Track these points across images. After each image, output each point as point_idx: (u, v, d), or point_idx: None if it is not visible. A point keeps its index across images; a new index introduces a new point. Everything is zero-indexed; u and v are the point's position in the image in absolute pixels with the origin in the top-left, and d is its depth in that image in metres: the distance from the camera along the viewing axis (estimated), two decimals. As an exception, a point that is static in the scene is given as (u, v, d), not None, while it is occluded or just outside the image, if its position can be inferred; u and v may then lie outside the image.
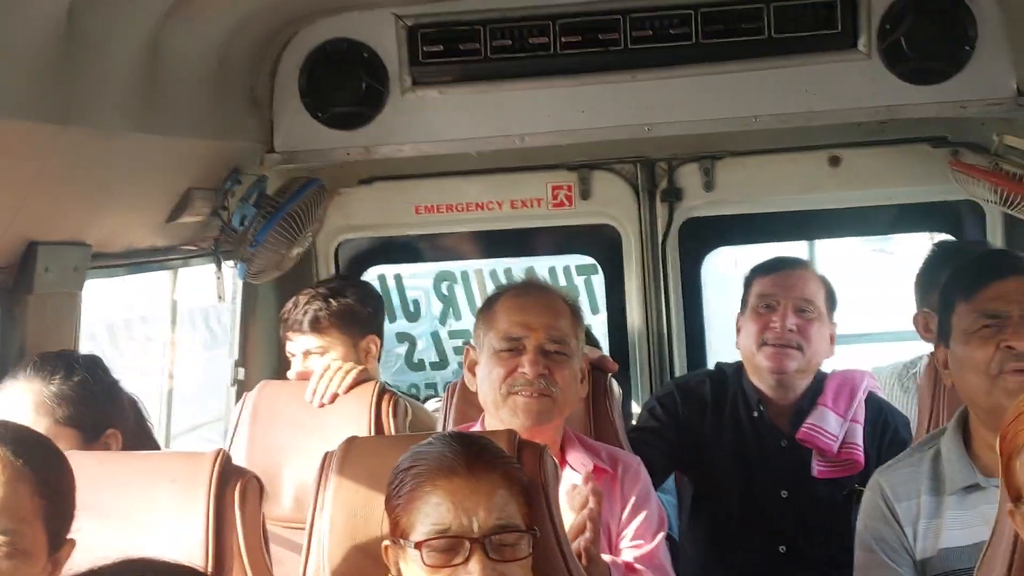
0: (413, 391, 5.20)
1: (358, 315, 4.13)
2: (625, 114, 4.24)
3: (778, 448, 3.91)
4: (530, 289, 3.31)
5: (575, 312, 3.26)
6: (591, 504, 2.81)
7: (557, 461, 3.09)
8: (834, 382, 3.92)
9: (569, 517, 2.78)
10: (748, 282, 4.02)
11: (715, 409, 3.98)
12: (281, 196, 4.27)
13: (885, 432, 3.89)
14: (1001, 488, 2.35)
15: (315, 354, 4.07)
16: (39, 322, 3.17)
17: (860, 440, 3.83)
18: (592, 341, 4.20)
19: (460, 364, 4.90)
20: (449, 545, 2.30)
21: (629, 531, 3.13)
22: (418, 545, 2.31)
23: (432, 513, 2.32)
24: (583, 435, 3.33)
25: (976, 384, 2.88)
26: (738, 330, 4.01)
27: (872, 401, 3.94)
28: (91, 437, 3.07)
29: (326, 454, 2.71)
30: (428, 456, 2.39)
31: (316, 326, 4.07)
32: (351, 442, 2.74)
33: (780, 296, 3.89)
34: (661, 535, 3.17)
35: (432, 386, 5.23)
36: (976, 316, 2.90)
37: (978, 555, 2.66)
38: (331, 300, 4.10)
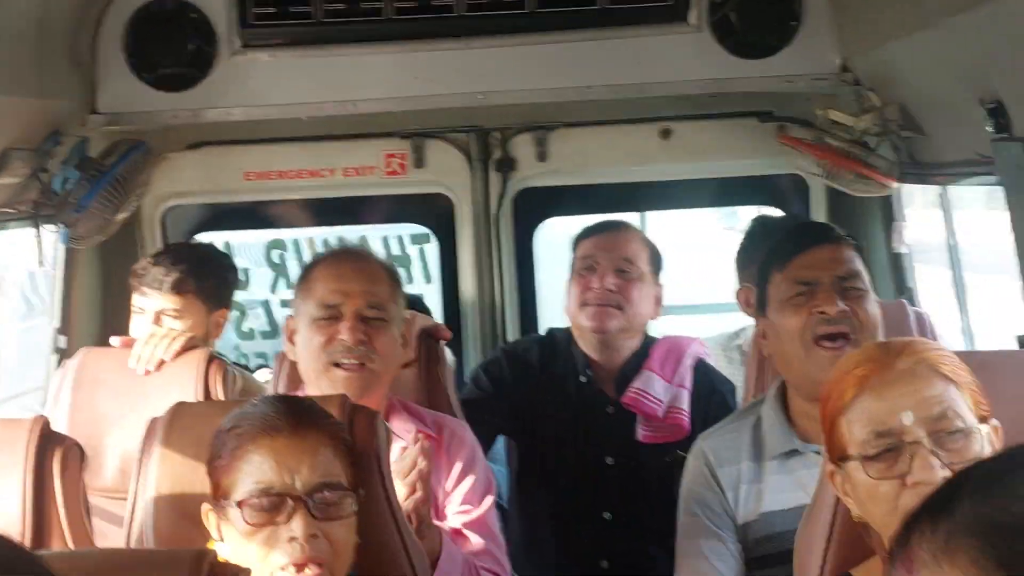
0: (243, 361, 5.17)
1: (222, 286, 4.09)
2: (459, 82, 4.27)
3: (604, 414, 3.98)
4: (346, 255, 3.30)
5: (393, 277, 3.28)
6: (421, 464, 2.86)
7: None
8: (661, 347, 4.01)
9: (399, 485, 2.80)
10: (573, 247, 4.10)
11: (542, 374, 4.04)
12: (105, 159, 4.20)
13: (712, 398, 3.99)
14: (824, 451, 2.45)
15: (169, 316, 3.99)
16: None
17: (686, 405, 3.92)
18: (424, 310, 4.24)
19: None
20: (271, 503, 2.32)
21: (456, 496, 3.17)
22: (240, 504, 2.32)
23: (254, 472, 2.33)
24: (409, 403, 3.35)
25: (790, 351, 3.01)
26: (567, 296, 4.09)
27: (700, 367, 4.04)
28: None
29: (152, 420, 2.70)
30: (251, 416, 2.41)
31: (180, 288, 3.98)
32: (178, 407, 2.73)
33: (600, 257, 3.97)
34: (489, 499, 3.21)
35: (262, 355, 5.22)
36: (789, 284, 3.03)
37: (797, 518, 2.79)
38: (201, 266, 4.03)
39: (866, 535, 2.30)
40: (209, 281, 4.06)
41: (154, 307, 4.00)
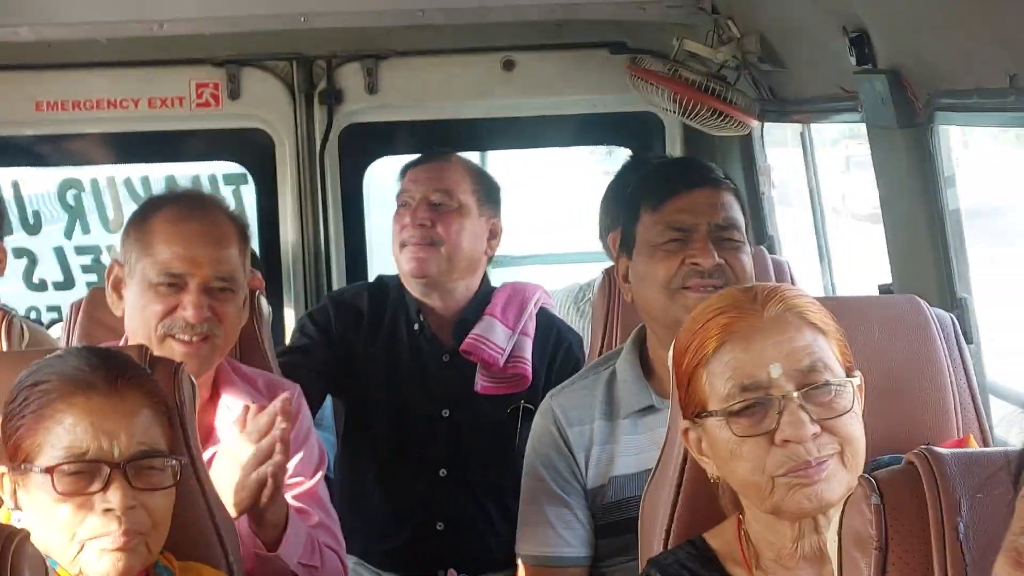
0: (33, 315, 4.92)
1: None
2: (279, 2, 4.12)
3: (439, 363, 3.91)
4: (194, 210, 3.07)
5: (244, 237, 3.11)
6: (281, 425, 2.71)
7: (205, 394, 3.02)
8: (503, 293, 3.94)
9: (246, 448, 2.70)
10: (399, 185, 4.00)
11: (372, 323, 3.94)
12: None
13: (558, 349, 3.94)
14: (673, 407, 2.39)
15: None
16: None
17: (528, 354, 3.86)
18: (256, 264, 4.08)
19: (88, 284, 4.68)
20: (85, 470, 2.19)
21: (289, 467, 2.95)
22: (48, 470, 2.19)
23: (65, 435, 2.21)
24: (238, 365, 3.21)
25: (655, 299, 2.94)
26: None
27: (544, 315, 3.98)
28: None
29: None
30: (60, 371, 2.27)
31: None
32: (-51, 360, 2.54)
33: (415, 191, 3.88)
34: (321, 471, 3.13)
35: (55, 309, 4.97)
36: (662, 228, 2.95)
37: (643, 481, 2.74)
38: None
39: (723, 496, 2.25)
40: None
41: None
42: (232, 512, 2.69)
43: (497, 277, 4.21)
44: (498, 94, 4.80)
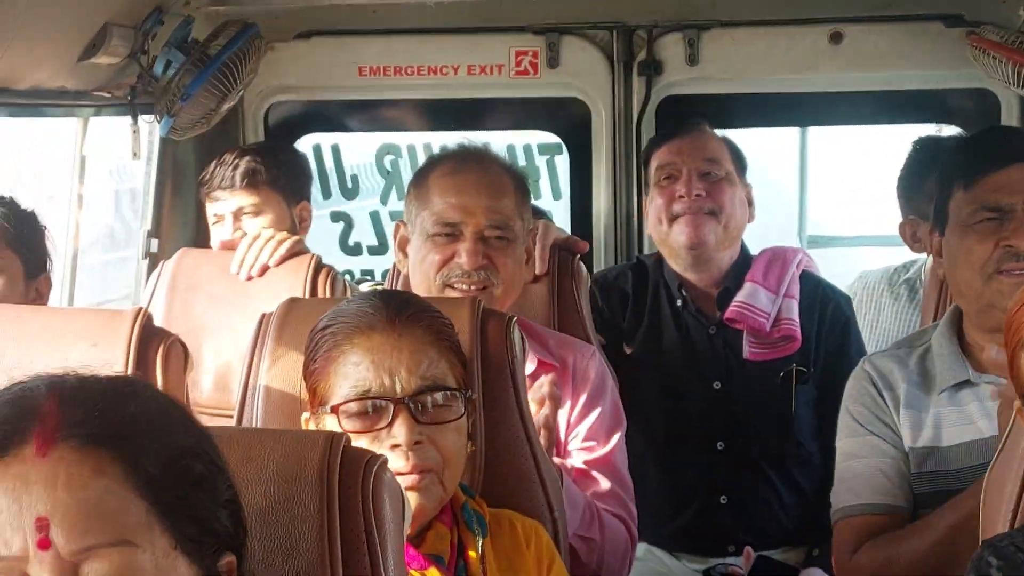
0: (346, 277, 5.22)
1: (296, 175, 4.15)
2: (602, -30, 4.24)
3: (706, 336, 4.00)
4: (468, 163, 3.26)
5: (521, 187, 3.27)
6: (546, 409, 2.88)
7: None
8: (763, 258, 4.00)
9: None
10: (646, 160, 4.11)
11: (636, 303, 4.06)
12: (211, 43, 4.25)
13: (825, 308, 3.97)
14: (1008, 384, 2.42)
15: (248, 214, 4.08)
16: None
17: (795, 316, 3.90)
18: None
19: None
20: (369, 407, 2.34)
21: (580, 431, 3.18)
22: (334, 409, 2.34)
23: (350, 374, 2.35)
24: (532, 324, 3.35)
25: (968, 280, 2.95)
26: (645, 215, 4.10)
27: (807, 277, 4.03)
28: (31, 272, 3.18)
29: (263, 316, 2.74)
30: (345, 313, 2.43)
31: (252, 181, 4.08)
32: (291, 303, 2.77)
33: (680, 163, 3.96)
34: (617, 435, 3.20)
35: (369, 273, 5.26)
36: (975, 207, 2.95)
37: (965, 454, 2.77)
38: (267, 155, 4.12)
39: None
40: (280, 171, 4.15)
41: (229, 208, 4.11)
42: None
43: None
44: (823, 68, 4.79)
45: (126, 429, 1.54)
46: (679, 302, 4.02)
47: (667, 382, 3.99)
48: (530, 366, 3.12)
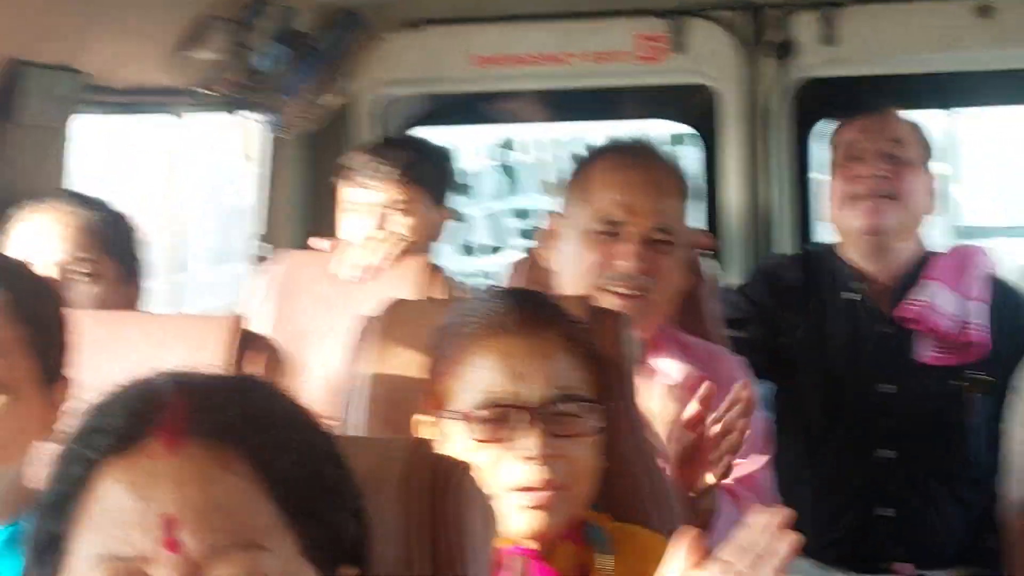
0: (464, 282, 5.16)
1: (447, 182, 4.10)
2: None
3: (879, 334, 3.83)
4: (636, 157, 3.15)
5: (685, 188, 3.16)
6: (736, 417, 2.68)
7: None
8: (947, 257, 3.85)
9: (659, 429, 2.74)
10: (833, 141, 3.96)
11: (805, 296, 3.93)
12: (314, 34, 4.21)
13: (1017, 316, 3.81)
14: None
15: (396, 212, 3.97)
16: (20, 156, 3.16)
17: (985, 320, 3.74)
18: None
19: (523, 250, 4.88)
20: (500, 415, 2.23)
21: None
22: (463, 415, 2.25)
23: (478, 379, 2.25)
24: (680, 333, 3.23)
25: None
26: (828, 199, 3.95)
27: (998, 282, 3.86)
28: (128, 277, 3.16)
29: (367, 317, 2.64)
30: (475, 312, 2.33)
31: (408, 178, 3.94)
32: (398, 304, 2.67)
33: (865, 143, 3.83)
34: (765, 457, 3.10)
35: (486, 275, 5.19)
36: None
37: None
38: (426, 156, 4.04)
39: None
40: (435, 172, 4.05)
41: (376, 200, 3.97)
42: None
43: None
44: (970, 44, 4.63)
45: (256, 426, 1.47)
46: (853, 295, 3.88)
47: (832, 382, 3.85)
48: (677, 376, 3.03)
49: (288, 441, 1.49)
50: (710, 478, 2.69)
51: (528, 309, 2.31)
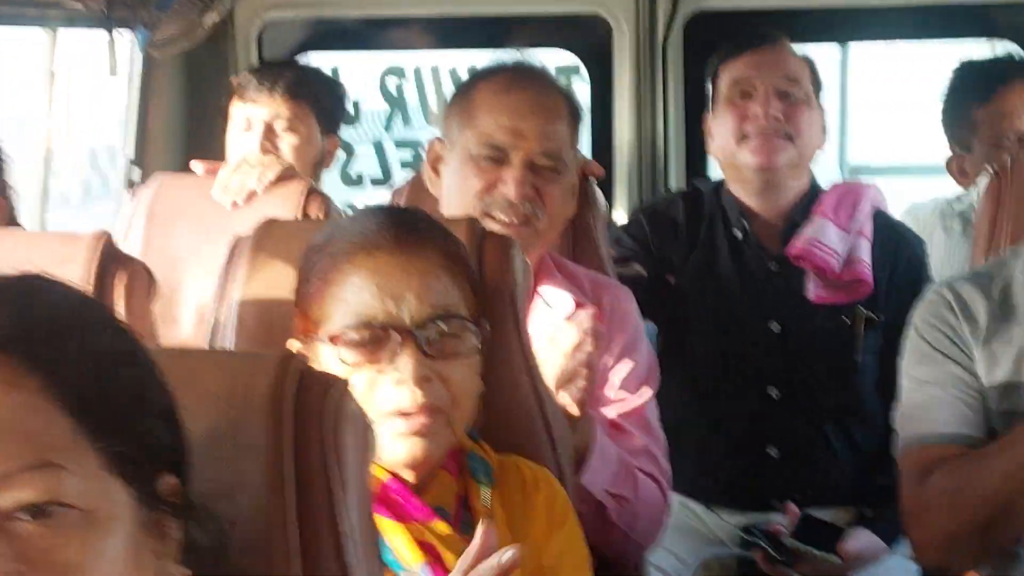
0: (347, 211, 5.08)
1: (337, 107, 4.15)
2: None
3: (766, 272, 3.83)
4: (522, 80, 3.07)
5: (575, 112, 3.10)
6: (587, 348, 2.69)
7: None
8: (834, 192, 3.83)
9: (550, 360, 2.66)
10: (715, 71, 3.92)
11: (689, 233, 3.90)
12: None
13: (898, 251, 3.82)
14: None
15: (282, 128, 3.99)
16: None
17: (867, 257, 3.74)
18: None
19: (407, 181, 4.82)
20: (372, 338, 2.15)
21: (614, 380, 3.02)
22: (333, 339, 2.17)
23: (350, 299, 2.17)
24: (564, 260, 3.19)
25: None
26: (709, 133, 3.93)
27: (880, 217, 3.87)
28: None
29: (236, 238, 2.57)
30: (347, 231, 2.25)
31: (296, 92, 3.99)
32: (269, 224, 2.58)
33: (757, 79, 3.79)
34: (649, 389, 3.07)
35: (371, 206, 5.12)
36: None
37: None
38: (314, 76, 4.13)
39: None
40: (326, 98, 4.09)
41: (263, 116, 3.97)
42: None
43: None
44: None
45: (40, 332, 1.35)
46: (739, 233, 3.86)
47: (718, 320, 3.83)
48: (567, 307, 2.99)
49: (79, 346, 1.37)
50: (573, 408, 2.66)
51: (403, 226, 2.23)
